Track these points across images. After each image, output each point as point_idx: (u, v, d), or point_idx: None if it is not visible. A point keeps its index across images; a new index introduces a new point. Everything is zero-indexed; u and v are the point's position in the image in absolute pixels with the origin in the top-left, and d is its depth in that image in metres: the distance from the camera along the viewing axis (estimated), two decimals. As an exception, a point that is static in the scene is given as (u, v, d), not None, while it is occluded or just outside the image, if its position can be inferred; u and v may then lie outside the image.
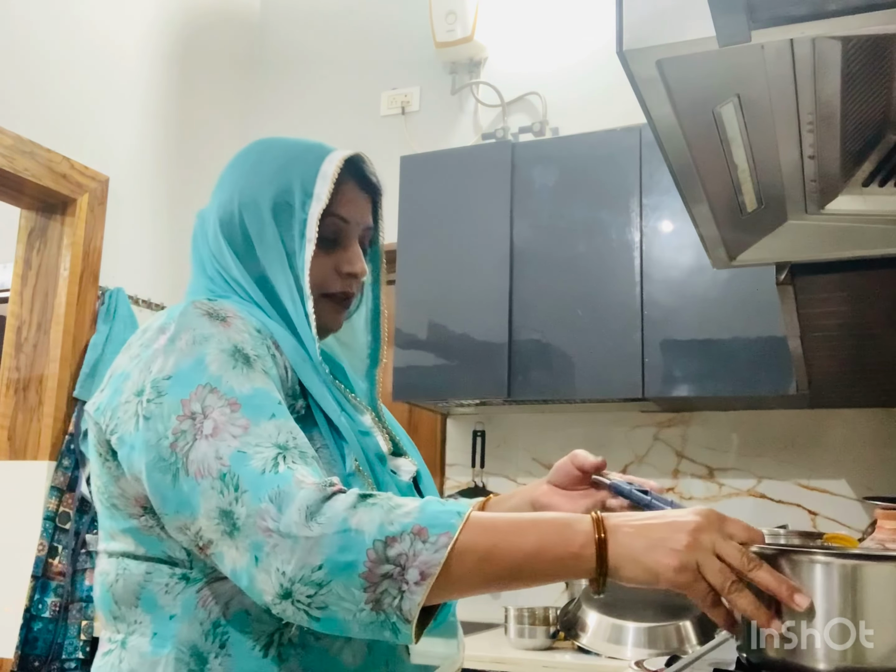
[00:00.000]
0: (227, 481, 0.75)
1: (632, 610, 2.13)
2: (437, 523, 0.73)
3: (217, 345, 0.83)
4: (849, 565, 0.81)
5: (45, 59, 2.53)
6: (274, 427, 0.79)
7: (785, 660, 0.82)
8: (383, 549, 0.71)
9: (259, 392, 0.81)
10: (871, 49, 0.79)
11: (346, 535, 0.72)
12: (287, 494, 0.73)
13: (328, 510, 0.73)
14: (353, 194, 1.01)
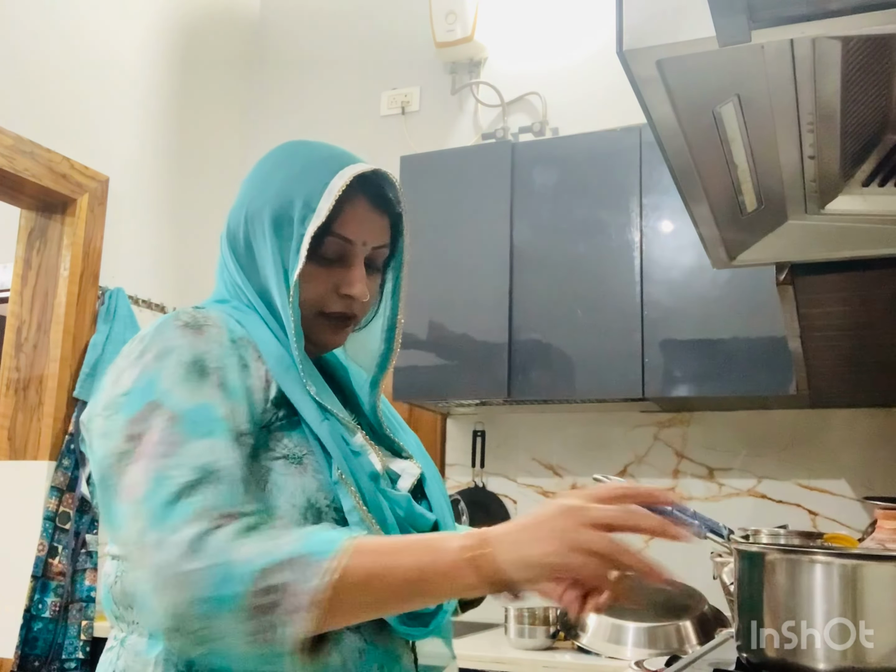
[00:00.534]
0: (139, 509, 0.76)
1: (632, 610, 2.13)
2: (318, 550, 0.74)
3: (178, 356, 0.84)
4: (849, 565, 0.81)
5: (45, 59, 2.53)
6: (204, 446, 0.79)
7: (785, 660, 0.82)
8: (263, 579, 0.71)
9: (202, 407, 0.82)
10: (871, 49, 0.79)
11: (226, 566, 0.72)
12: (176, 529, 0.74)
13: (211, 543, 0.73)
14: (362, 213, 0.97)
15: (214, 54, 3.24)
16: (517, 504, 2.72)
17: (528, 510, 1.06)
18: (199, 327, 0.88)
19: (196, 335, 0.87)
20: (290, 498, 0.85)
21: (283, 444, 0.88)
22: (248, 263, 0.97)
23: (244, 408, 0.85)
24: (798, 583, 0.81)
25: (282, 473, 0.87)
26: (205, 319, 0.89)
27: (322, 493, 0.87)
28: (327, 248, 0.95)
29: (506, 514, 2.71)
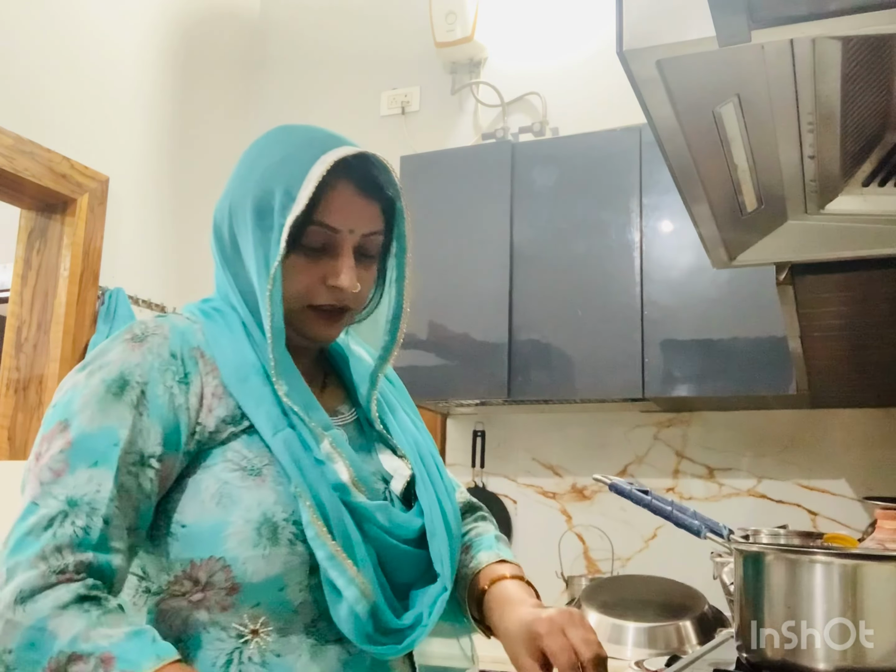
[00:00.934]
0: (12, 531, 0.78)
1: (632, 610, 2.13)
2: (128, 658, 0.73)
3: (105, 373, 0.84)
4: (849, 565, 0.81)
5: (45, 59, 2.53)
6: (86, 476, 0.79)
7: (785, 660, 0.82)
8: (65, 662, 0.72)
9: (102, 432, 0.81)
10: (871, 49, 0.79)
11: (40, 633, 0.73)
12: (20, 568, 0.75)
13: (39, 601, 0.74)
14: (347, 200, 0.91)
15: (214, 54, 3.24)
16: (517, 504, 2.72)
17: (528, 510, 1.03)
18: (142, 339, 0.86)
19: (133, 349, 0.86)
20: (244, 513, 0.83)
21: (241, 456, 0.86)
22: (233, 258, 0.94)
23: (160, 429, 0.83)
24: (798, 583, 0.81)
25: (238, 486, 0.84)
26: (155, 329, 0.88)
27: (280, 507, 0.84)
28: (311, 238, 0.90)
29: (506, 514, 2.71)
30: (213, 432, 0.86)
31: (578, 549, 2.62)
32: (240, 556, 0.81)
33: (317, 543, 0.83)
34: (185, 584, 0.83)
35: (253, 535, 0.82)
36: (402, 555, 0.90)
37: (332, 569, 0.83)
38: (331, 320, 0.95)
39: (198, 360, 0.88)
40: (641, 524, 2.53)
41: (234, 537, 0.82)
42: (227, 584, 0.82)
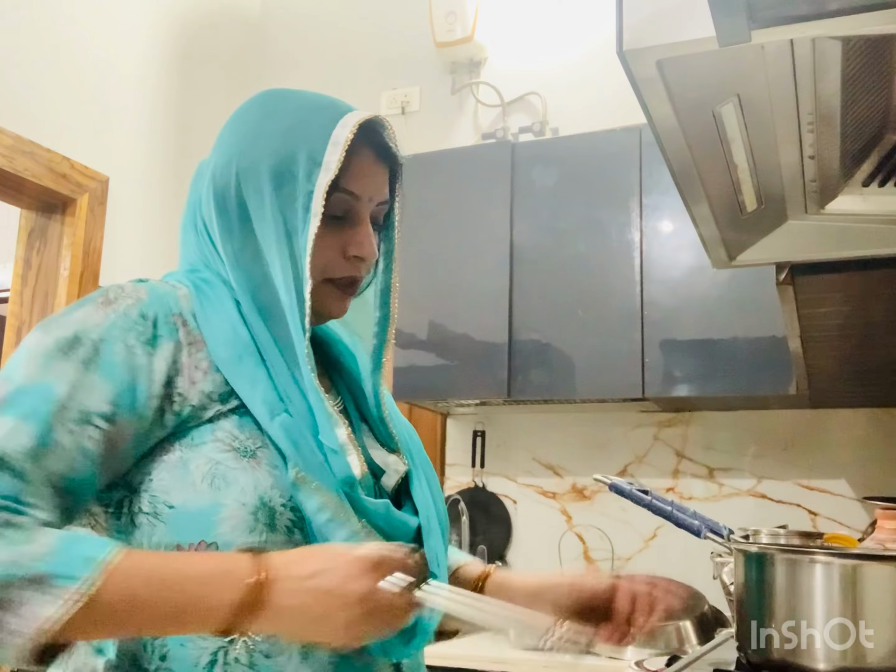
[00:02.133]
0: None
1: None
2: (65, 573, 0.66)
3: (60, 331, 0.78)
4: (849, 565, 0.81)
5: (45, 59, 2.53)
6: (9, 426, 0.72)
7: (785, 660, 0.82)
8: None
9: (35, 387, 0.74)
10: (871, 49, 0.79)
11: None
12: None
13: None
14: (367, 165, 0.87)
15: (215, 54, 3.24)
16: (517, 504, 2.72)
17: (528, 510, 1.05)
18: (112, 301, 0.80)
19: (97, 310, 0.80)
20: (238, 496, 0.77)
21: (232, 436, 0.80)
22: (239, 226, 0.87)
23: (111, 387, 0.76)
24: (798, 583, 0.81)
25: (231, 468, 0.78)
26: (130, 292, 0.82)
27: (277, 491, 0.79)
28: (334, 206, 0.85)
29: (506, 514, 2.71)
30: (198, 407, 0.80)
31: (578, 549, 2.62)
32: (234, 542, 0.76)
33: (331, 526, 0.78)
34: None
35: (249, 519, 0.77)
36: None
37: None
38: (345, 294, 0.90)
39: (178, 327, 0.82)
40: (641, 524, 2.52)
41: (228, 521, 0.76)
42: None
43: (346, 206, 0.87)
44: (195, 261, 0.92)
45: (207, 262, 0.90)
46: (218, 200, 0.88)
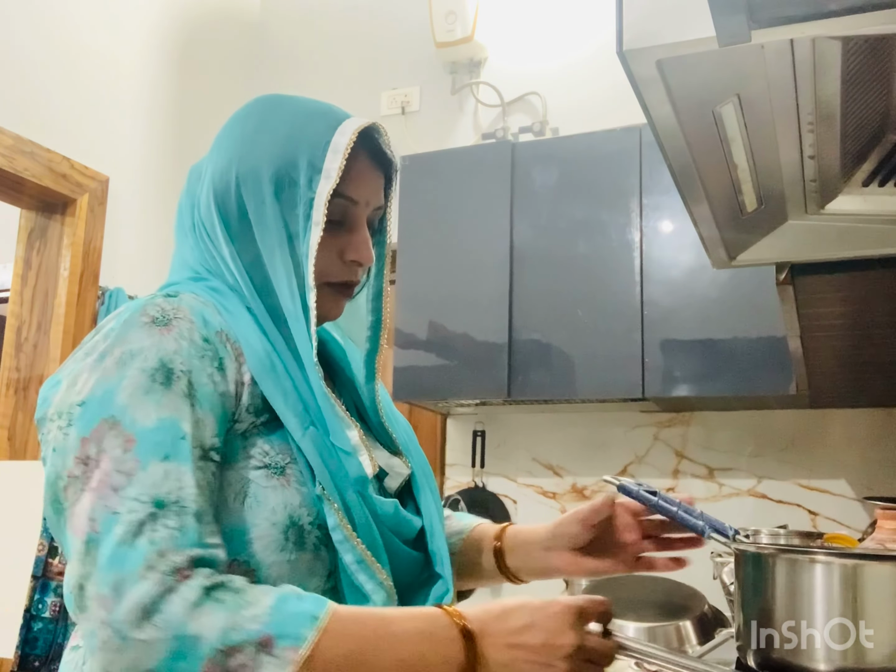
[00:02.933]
0: (88, 550, 0.69)
1: (632, 610, 2.13)
2: (286, 633, 0.67)
3: (141, 363, 0.76)
4: (849, 565, 0.81)
5: (45, 59, 2.53)
6: (162, 472, 0.72)
7: (785, 660, 0.82)
8: (223, 659, 0.65)
9: (163, 425, 0.74)
10: (871, 49, 0.79)
11: (182, 641, 0.65)
12: (127, 583, 0.67)
13: (166, 609, 0.66)
14: (365, 171, 0.90)
15: (214, 54, 3.24)
16: (517, 504, 2.72)
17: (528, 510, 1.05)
18: (167, 323, 0.79)
19: (163, 333, 0.78)
20: (270, 515, 0.79)
21: (263, 451, 0.81)
22: (240, 232, 0.88)
23: (213, 418, 0.78)
24: (798, 583, 0.81)
25: (262, 486, 0.80)
26: (175, 311, 0.80)
27: (305, 510, 0.81)
28: (334, 211, 0.87)
29: (506, 515, 2.71)
30: (237, 421, 0.81)
31: (578, 549, 2.62)
32: (265, 561, 0.78)
33: (346, 547, 0.80)
34: None
35: (280, 538, 0.79)
36: (405, 556, 0.88)
37: (362, 572, 0.81)
38: (341, 298, 0.93)
39: (225, 343, 0.82)
40: (641, 524, 2.52)
41: (260, 540, 0.78)
42: None
43: (345, 212, 0.89)
44: (197, 267, 0.92)
45: (210, 267, 0.91)
46: (218, 205, 0.89)
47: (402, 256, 2.58)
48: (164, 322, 0.79)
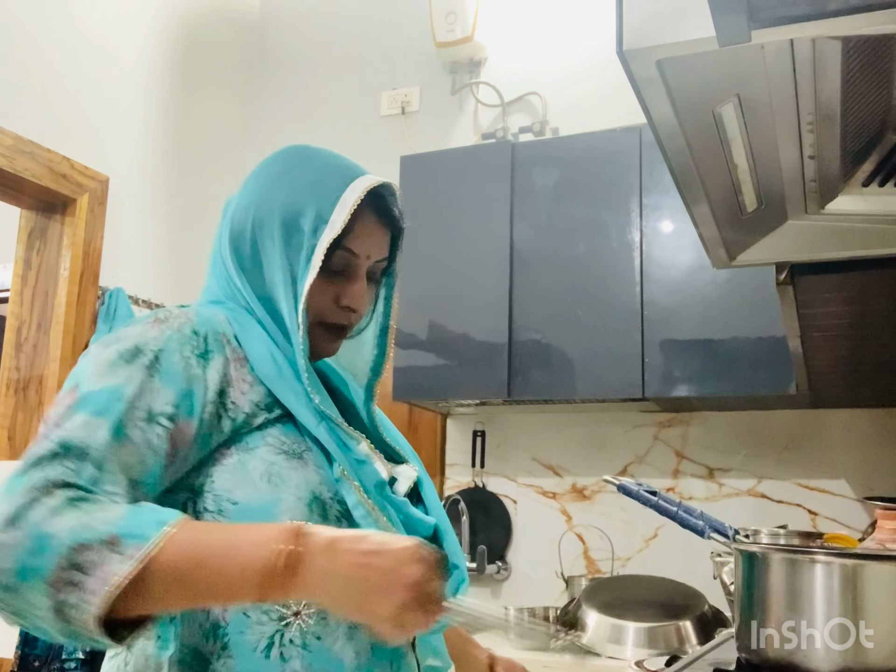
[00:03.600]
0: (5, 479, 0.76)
1: (632, 610, 2.13)
2: (134, 533, 0.72)
3: (119, 346, 0.86)
4: (849, 565, 0.81)
5: (45, 59, 2.53)
6: (82, 421, 0.79)
7: (785, 660, 0.82)
8: (73, 555, 0.70)
9: (106, 388, 0.82)
10: (871, 49, 0.79)
11: (36, 539, 0.71)
12: (5, 499, 0.73)
13: (29, 515, 0.72)
14: (369, 228, 0.98)
15: (214, 54, 3.24)
16: (517, 504, 2.72)
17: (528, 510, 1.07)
18: (165, 320, 0.89)
19: (154, 326, 0.88)
20: (294, 491, 0.86)
21: (280, 441, 0.89)
22: (252, 267, 0.97)
23: (173, 392, 0.84)
24: (798, 583, 0.81)
25: (285, 467, 0.87)
26: (179, 313, 0.90)
27: (325, 487, 0.88)
28: (335, 261, 0.95)
29: (506, 514, 2.71)
30: (249, 415, 0.89)
31: (578, 549, 2.62)
32: None
33: (368, 521, 0.87)
34: None
35: (305, 511, 0.85)
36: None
37: None
38: (335, 338, 1.00)
39: (224, 344, 0.90)
40: (641, 524, 2.53)
41: (287, 513, 0.84)
42: None
43: (345, 263, 0.97)
44: (218, 293, 1.01)
45: (228, 294, 0.99)
46: (233, 242, 0.98)
47: (402, 256, 2.58)
48: (164, 320, 0.89)
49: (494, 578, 2.69)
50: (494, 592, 2.70)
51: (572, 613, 2.20)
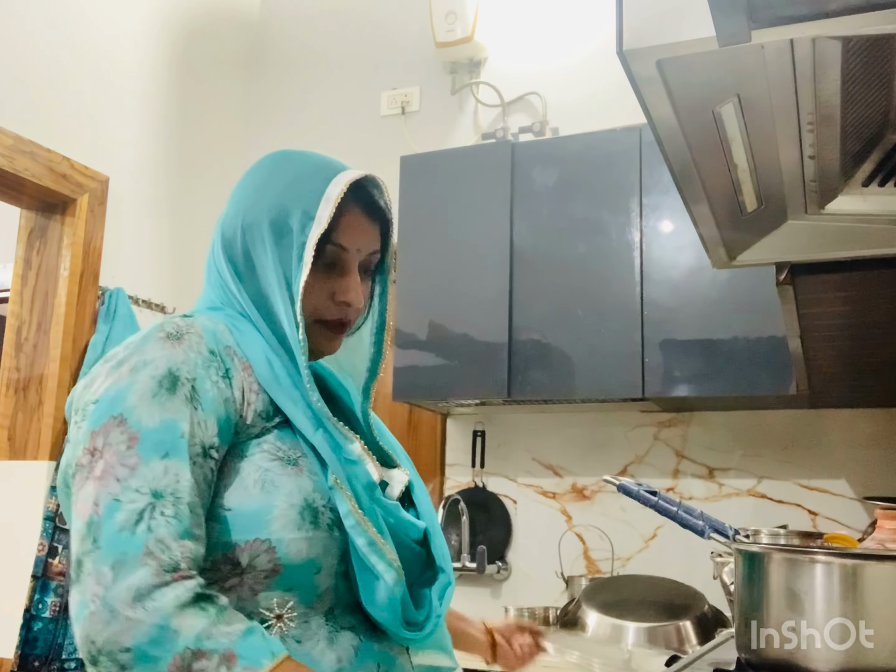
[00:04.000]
0: (90, 530, 0.78)
1: (632, 610, 2.13)
2: (248, 655, 0.75)
3: (151, 370, 0.85)
4: (849, 565, 0.81)
5: (45, 59, 2.53)
6: (162, 468, 0.81)
7: (785, 660, 0.82)
8: (190, 658, 0.74)
9: (165, 425, 0.83)
10: (871, 49, 0.79)
11: (162, 630, 0.74)
12: (128, 566, 0.75)
13: (158, 599, 0.75)
14: (357, 221, 0.98)
15: (214, 54, 3.24)
16: (517, 504, 2.72)
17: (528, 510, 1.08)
18: (179, 337, 0.89)
19: (174, 346, 0.88)
20: (287, 497, 0.87)
21: (276, 447, 0.90)
22: (246, 272, 0.98)
23: (214, 420, 0.86)
24: (798, 583, 0.81)
25: (279, 473, 0.88)
26: (188, 328, 0.90)
27: (318, 494, 0.89)
28: (326, 257, 0.96)
29: (506, 514, 2.71)
30: (250, 426, 0.90)
31: (578, 549, 2.62)
32: (284, 538, 0.85)
33: (358, 531, 0.88)
34: (222, 569, 0.84)
35: (297, 517, 0.86)
36: (411, 553, 0.95)
37: (373, 554, 0.88)
38: (335, 335, 1.01)
39: (233, 357, 0.91)
40: (641, 524, 2.53)
41: (279, 520, 0.85)
42: (269, 566, 0.84)
43: (336, 257, 0.98)
44: (215, 300, 1.01)
45: (224, 301, 1.00)
46: (226, 250, 0.99)
47: (402, 256, 2.58)
48: (176, 337, 0.89)
49: (494, 578, 2.69)
50: (494, 592, 2.70)
51: (572, 613, 2.20)
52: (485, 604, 2.66)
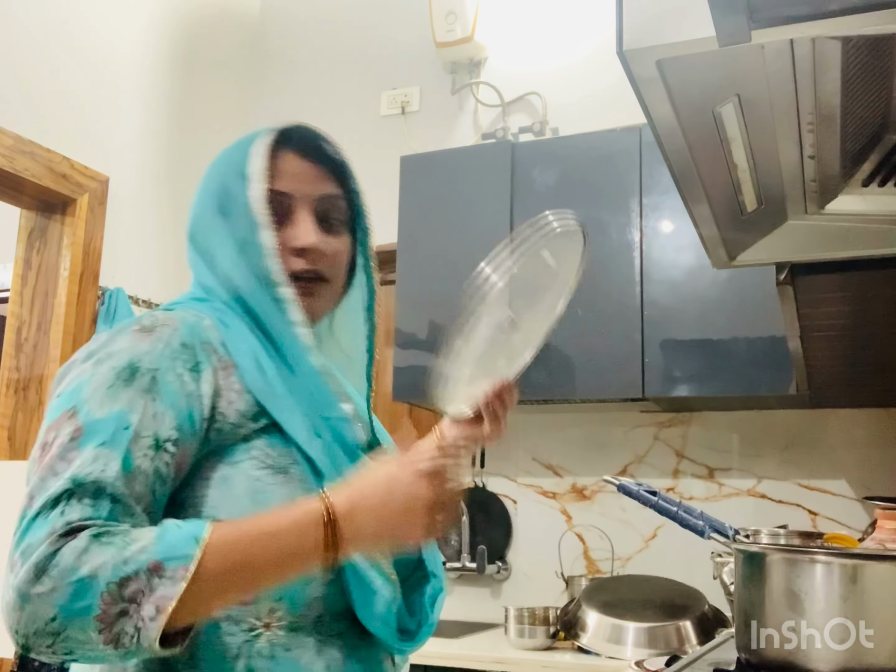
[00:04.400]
0: (20, 523, 0.76)
1: (632, 610, 2.13)
2: (173, 555, 0.73)
3: (113, 362, 0.83)
4: (849, 565, 0.81)
5: (45, 59, 2.53)
6: (92, 456, 0.78)
7: (785, 660, 0.82)
8: (117, 591, 0.72)
9: (111, 416, 0.80)
10: (871, 49, 0.79)
11: (77, 584, 0.71)
12: (32, 548, 0.73)
13: (59, 562, 0.72)
14: (292, 165, 0.97)
15: (214, 54, 3.24)
16: (517, 504, 2.72)
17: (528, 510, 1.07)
18: (151, 330, 0.86)
19: (142, 338, 0.85)
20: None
21: (265, 454, 0.87)
22: (213, 263, 0.97)
23: (174, 414, 0.83)
24: (798, 583, 0.81)
25: (268, 483, 0.86)
26: (164, 320, 0.88)
27: None
28: (273, 209, 0.94)
29: (506, 514, 2.71)
30: (235, 425, 0.87)
31: (578, 549, 2.62)
32: None
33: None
34: None
35: None
36: (402, 556, 0.94)
37: (371, 567, 0.86)
38: (310, 289, 0.97)
39: (211, 353, 0.88)
40: (641, 524, 2.53)
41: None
42: None
43: (282, 207, 0.95)
44: (197, 289, 1.00)
45: (207, 290, 0.98)
46: (194, 246, 0.99)
47: (402, 256, 2.58)
48: (149, 329, 0.87)
49: (494, 578, 2.69)
50: (494, 592, 2.70)
51: (572, 613, 2.20)
52: (485, 604, 2.66)
